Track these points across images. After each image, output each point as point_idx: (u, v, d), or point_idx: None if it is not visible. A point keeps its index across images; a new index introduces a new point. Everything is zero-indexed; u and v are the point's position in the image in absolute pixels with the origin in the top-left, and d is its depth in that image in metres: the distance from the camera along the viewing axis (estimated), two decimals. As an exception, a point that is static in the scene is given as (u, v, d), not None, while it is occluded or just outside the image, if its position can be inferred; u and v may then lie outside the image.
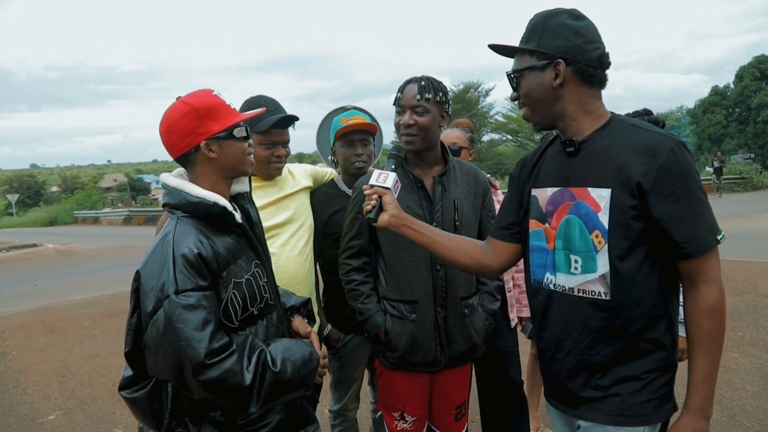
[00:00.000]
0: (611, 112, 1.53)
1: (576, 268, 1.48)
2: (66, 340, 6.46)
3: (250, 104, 2.30)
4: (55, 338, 6.55)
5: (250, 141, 1.65)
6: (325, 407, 2.99)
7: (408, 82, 2.16)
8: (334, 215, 2.54)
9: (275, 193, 2.40)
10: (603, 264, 1.43)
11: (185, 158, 1.58)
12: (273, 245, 2.32)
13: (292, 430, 1.66)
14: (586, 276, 1.47)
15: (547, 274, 1.56)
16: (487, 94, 44.00)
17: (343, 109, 5.16)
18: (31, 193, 79.04)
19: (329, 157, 2.94)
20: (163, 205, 1.59)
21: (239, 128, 1.58)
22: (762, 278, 6.99)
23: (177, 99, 1.57)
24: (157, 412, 1.54)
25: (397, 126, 2.15)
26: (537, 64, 1.49)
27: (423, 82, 2.11)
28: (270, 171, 2.35)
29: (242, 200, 1.73)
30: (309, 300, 1.94)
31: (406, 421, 2.22)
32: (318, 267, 2.67)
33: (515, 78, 1.55)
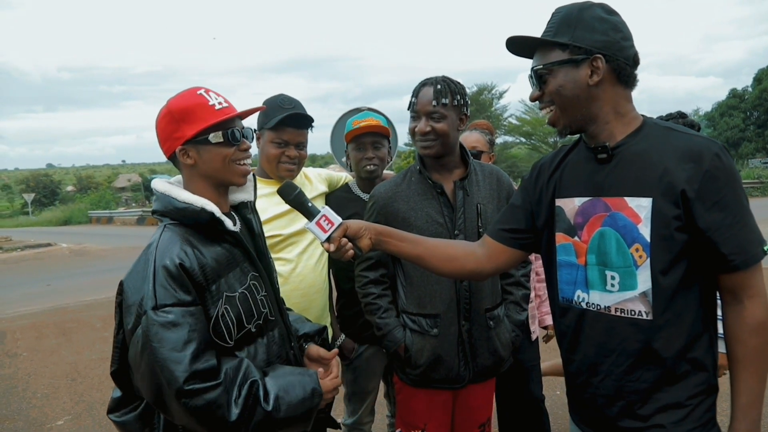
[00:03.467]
0: (643, 115, 1.40)
1: (613, 285, 1.35)
2: (77, 342, 6.42)
3: (268, 104, 2.23)
4: (66, 340, 6.52)
5: (245, 145, 1.48)
6: (338, 418, 2.89)
7: (423, 84, 2.03)
8: (348, 220, 2.44)
9: None
10: (644, 280, 1.30)
11: (172, 161, 1.48)
12: (291, 253, 2.23)
13: None
14: (625, 294, 1.33)
15: (578, 292, 1.42)
16: (501, 96, 43.85)
17: (357, 111, 5.07)
18: (47, 192, 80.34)
19: (343, 159, 2.85)
20: (152, 212, 1.49)
21: (215, 133, 1.42)
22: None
23: None
24: None
25: (412, 132, 2.03)
26: (572, 59, 1.34)
27: (439, 86, 1.98)
28: (279, 172, 2.24)
29: (245, 210, 1.60)
30: (325, 328, 1.81)
31: None
32: (331, 275, 2.57)
33: (542, 74, 1.39)
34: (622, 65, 1.34)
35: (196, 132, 1.40)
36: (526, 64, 1.47)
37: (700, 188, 1.25)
